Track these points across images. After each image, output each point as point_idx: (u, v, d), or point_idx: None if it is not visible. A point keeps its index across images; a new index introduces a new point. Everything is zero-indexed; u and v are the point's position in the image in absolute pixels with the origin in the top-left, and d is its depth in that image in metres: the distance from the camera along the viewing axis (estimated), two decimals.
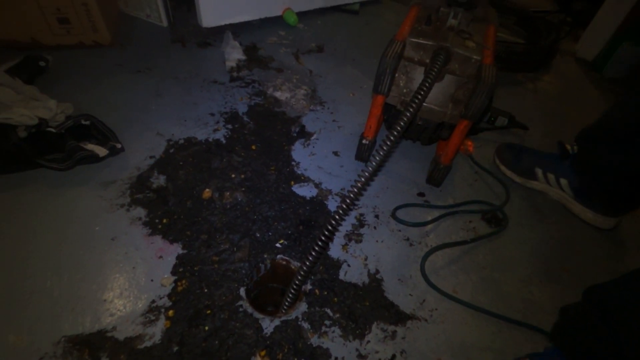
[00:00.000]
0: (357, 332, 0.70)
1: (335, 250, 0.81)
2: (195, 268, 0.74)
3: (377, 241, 0.84)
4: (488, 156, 1.10)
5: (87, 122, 0.92)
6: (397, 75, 0.82)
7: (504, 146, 0.89)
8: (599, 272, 0.86)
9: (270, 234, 0.82)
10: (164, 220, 0.81)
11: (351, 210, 0.88)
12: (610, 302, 0.58)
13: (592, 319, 0.60)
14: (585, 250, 0.91)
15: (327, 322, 0.70)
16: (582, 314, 0.63)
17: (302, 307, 0.71)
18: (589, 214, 0.94)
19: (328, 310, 0.72)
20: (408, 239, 0.86)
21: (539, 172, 0.99)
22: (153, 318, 0.67)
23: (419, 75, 0.82)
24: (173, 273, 0.73)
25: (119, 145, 0.91)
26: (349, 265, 0.79)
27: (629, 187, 0.85)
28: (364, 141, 0.95)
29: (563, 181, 0.96)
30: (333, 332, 0.69)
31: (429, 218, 0.91)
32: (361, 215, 0.89)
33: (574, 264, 0.87)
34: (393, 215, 0.89)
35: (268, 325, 0.68)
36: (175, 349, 0.63)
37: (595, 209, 0.93)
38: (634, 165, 0.81)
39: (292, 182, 0.93)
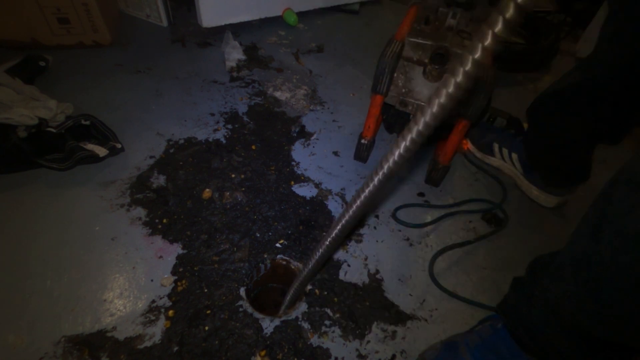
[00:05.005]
0: (357, 332, 0.70)
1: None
2: (195, 268, 0.74)
3: (377, 241, 0.85)
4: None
5: (87, 122, 0.92)
6: (395, 75, 0.82)
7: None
8: None
9: (270, 234, 0.82)
10: (164, 220, 0.81)
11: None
12: (538, 263, 0.63)
13: (521, 279, 0.65)
14: None
15: (327, 322, 0.70)
16: (517, 279, 0.67)
17: (302, 307, 0.72)
18: (534, 190, 0.98)
19: (328, 310, 0.72)
20: (408, 239, 0.86)
21: (495, 146, 1.04)
22: (153, 318, 0.67)
23: (417, 74, 0.82)
24: (173, 273, 0.73)
25: (119, 145, 0.91)
26: (349, 265, 0.79)
27: (562, 157, 0.89)
28: (362, 141, 0.95)
29: (514, 155, 1.00)
30: (333, 332, 0.69)
31: (429, 218, 0.91)
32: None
33: None
34: (393, 216, 0.89)
35: (268, 325, 0.68)
36: (175, 349, 0.63)
37: (538, 184, 0.97)
38: (565, 133, 0.85)
39: (292, 182, 0.93)
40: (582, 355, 0.54)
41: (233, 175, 0.92)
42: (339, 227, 0.50)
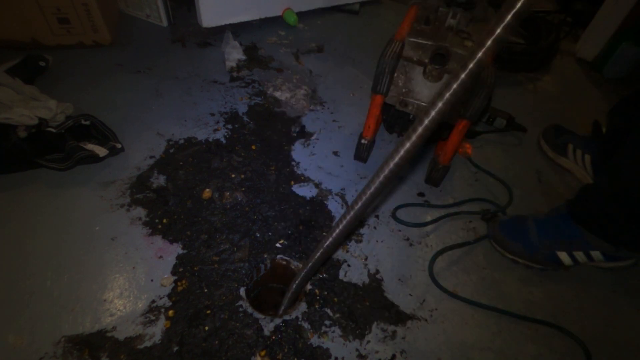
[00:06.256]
0: (357, 332, 0.70)
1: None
2: (195, 268, 0.74)
3: (377, 241, 0.85)
4: (488, 156, 1.10)
5: (87, 122, 0.92)
6: (396, 74, 0.82)
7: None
8: (598, 270, 0.85)
9: (270, 234, 0.82)
10: (164, 220, 0.81)
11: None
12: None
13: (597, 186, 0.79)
14: None
15: (327, 322, 0.70)
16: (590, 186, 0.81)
17: (302, 307, 0.72)
18: None
19: (328, 310, 0.72)
20: (408, 239, 0.86)
21: (570, 147, 1.05)
22: (153, 318, 0.67)
23: (417, 74, 0.82)
24: (173, 273, 0.73)
25: (119, 145, 0.91)
26: (349, 265, 0.79)
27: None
28: (362, 141, 0.95)
29: (587, 157, 1.01)
30: (333, 332, 0.69)
31: (429, 218, 0.91)
32: None
33: None
34: (393, 216, 0.89)
35: (268, 325, 0.68)
36: (175, 349, 0.63)
37: None
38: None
39: (292, 182, 0.93)
40: (632, 222, 0.71)
41: (233, 175, 0.92)
42: (340, 227, 0.50)
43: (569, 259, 0.81)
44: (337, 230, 0.50)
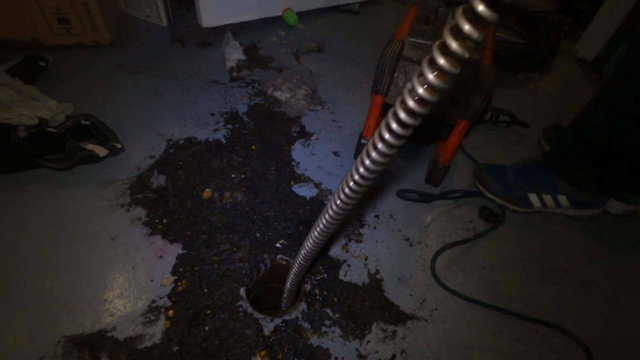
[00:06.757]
0: (357, 332, 0.70)
1: (335, 250, 0.81)
2: (195, 268, 0.74)
3: (377, 241, 0.85)
4: (489, 156, 1.10)
5: (87, 122, 0.92)
6: (396, 74, 0.82)
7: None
8: (598, 270, 0.86)
9: (270, 234, 0.82)
10: (164, 220, 0.81)
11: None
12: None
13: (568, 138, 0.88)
14: (583, 249, 0.91)
15: (327, 322, 0.70)
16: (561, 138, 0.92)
17: (302, 307, 0.72)
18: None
19: (328, 310, 0.72)
20: (408, 239, 0.86)
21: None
22: (153, 318, 0.67)
23: None
24: (173, 273, 0.73)
25: (119, 145, 0.91)
26: (349, 265, 0.79)
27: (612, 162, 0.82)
28: (362, 141, 0.95)
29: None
30: (333, 332, 0.69)
31: (429, 218, 0.91)
32: (361, 215, 0.89)
33: (573, 263, 0.87)
34: (398, 194, 0.93)
35: (268, 325, 0.68)
36: (175, 349, 0.63)
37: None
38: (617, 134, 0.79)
39: (292, 182, 0.93)
40: (593, 164, 0.82)
41: (233, 175, 0.92)
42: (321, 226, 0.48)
43: (538, 201, 0.90)
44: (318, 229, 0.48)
